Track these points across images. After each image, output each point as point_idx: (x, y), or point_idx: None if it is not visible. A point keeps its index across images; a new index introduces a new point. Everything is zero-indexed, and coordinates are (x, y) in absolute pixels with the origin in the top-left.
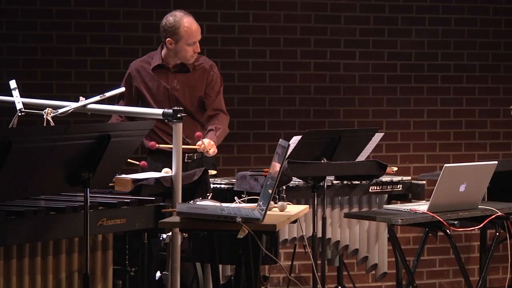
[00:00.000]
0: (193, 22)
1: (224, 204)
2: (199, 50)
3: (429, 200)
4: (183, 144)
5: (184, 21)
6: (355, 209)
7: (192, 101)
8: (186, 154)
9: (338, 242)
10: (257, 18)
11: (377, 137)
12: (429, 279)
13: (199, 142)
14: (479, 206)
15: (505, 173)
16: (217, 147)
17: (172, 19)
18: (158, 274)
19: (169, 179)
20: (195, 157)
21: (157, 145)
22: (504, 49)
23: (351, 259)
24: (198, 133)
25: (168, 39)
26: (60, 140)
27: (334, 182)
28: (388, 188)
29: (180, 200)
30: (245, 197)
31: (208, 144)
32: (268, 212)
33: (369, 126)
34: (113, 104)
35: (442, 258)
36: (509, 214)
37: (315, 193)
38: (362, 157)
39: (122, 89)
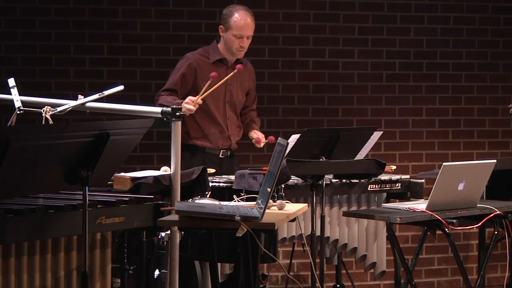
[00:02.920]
0: (245, 17)
1: (222, 203)
2: (246, 46)
3: (427, 199)
4: (226, 143)
5: (238, 13)
6: (353, 208)
7: (241, 97)
8: (221, 150)
9: (336, 240)
10: (256, 16)
11: (376, 135)
12: (428, 277)
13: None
14: (478, 205)
15: (504, 172)
16: None
17: (230, 9)
18: (156, 272)
19: (168, 177)
20: (228, 154)
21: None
22: (503, 47)
23: (350, 257)
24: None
25: (221, 26)
26: (59, 138)
27: (333, 180)
28: (387, 186)
29: (178, 198)
30: (243, 195)
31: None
32: (266, 211)
33: (368, 125)
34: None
35: (440, 256)
36: (508, 213)
37: (314, 192)
38: (360, 155)
39: (121, 87)
